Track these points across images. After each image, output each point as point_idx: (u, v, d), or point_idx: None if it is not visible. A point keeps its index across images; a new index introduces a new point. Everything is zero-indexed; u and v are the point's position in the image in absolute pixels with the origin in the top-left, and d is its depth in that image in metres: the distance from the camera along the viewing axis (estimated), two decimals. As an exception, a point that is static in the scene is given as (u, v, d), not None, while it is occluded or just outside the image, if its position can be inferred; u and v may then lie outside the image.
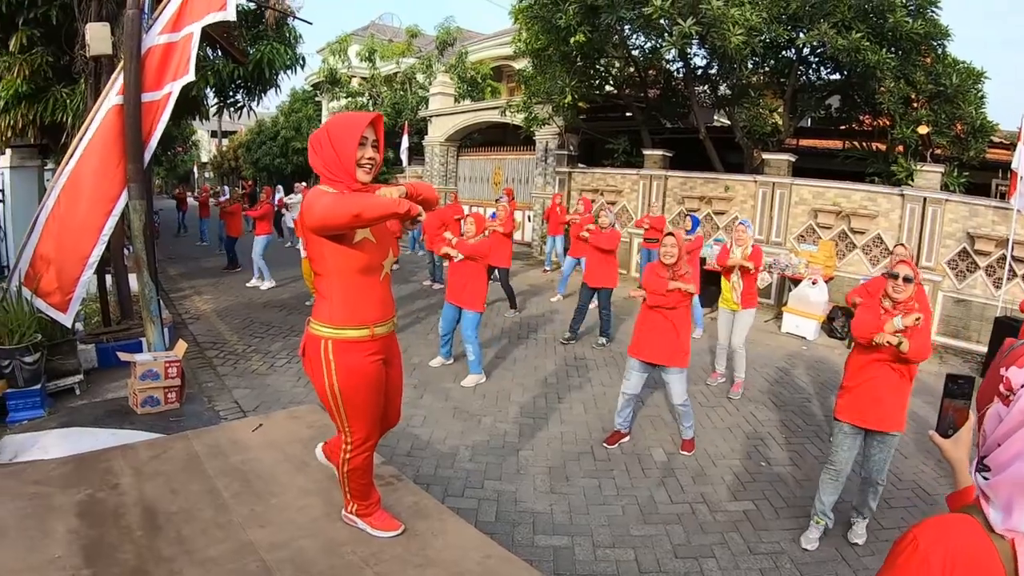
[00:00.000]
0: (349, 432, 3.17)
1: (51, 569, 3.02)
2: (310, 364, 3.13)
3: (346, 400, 3.09)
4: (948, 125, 11.78)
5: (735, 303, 7.49)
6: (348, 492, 3.34)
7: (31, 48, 8.39)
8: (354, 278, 3.06)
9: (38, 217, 6.36)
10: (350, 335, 3.07)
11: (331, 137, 2.95)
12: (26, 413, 5.99)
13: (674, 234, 5.82)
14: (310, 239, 2.94)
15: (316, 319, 3.10)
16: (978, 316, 10.83)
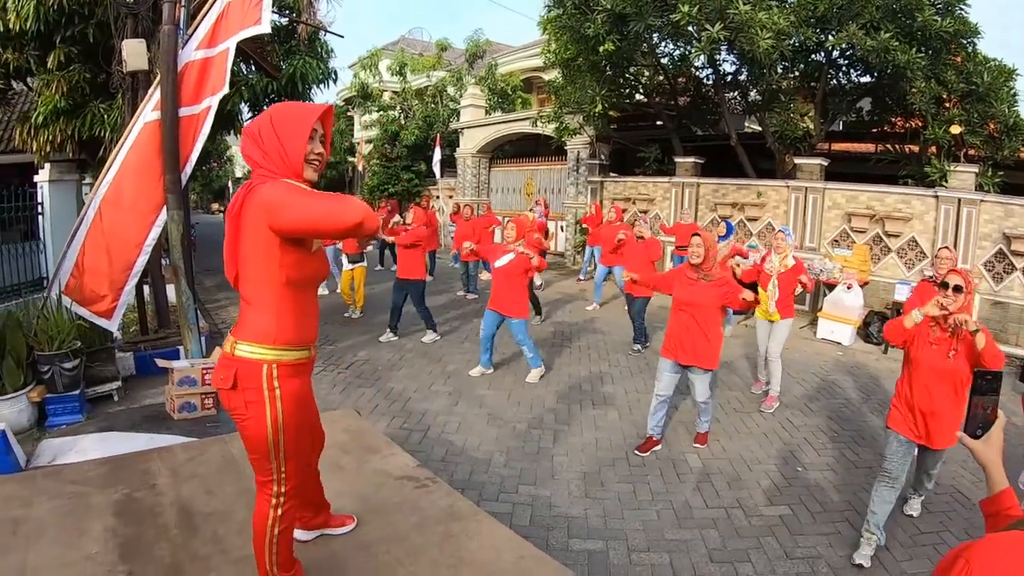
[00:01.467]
0: (284, 477, 2.74)
1: (88, 565, 3.08)
2: (242, 397, 2.62)
3: (288, 435, 2.69)
4: (981, 124, 11.59)
5: (774, 314, 7.34)
6: (274, 564, 2.80)
7: (69, 65, 8.60)
8: (303, 291, 2.73)
9: (78, 229, 6.50)
10: (294, 356, 2.71)
11: (276, 127, 2.58)
12: (65, 418, 6.14)
13: (701, 234, 5.80)
14: (262, 241, 2.52)
15: (249, 340, 2.62)
16: (1016, 319, 10.63)
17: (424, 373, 8.20)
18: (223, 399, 2.70)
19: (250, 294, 2.63)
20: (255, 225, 2.49)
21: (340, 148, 33.60)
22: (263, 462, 2.71)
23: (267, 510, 2.73)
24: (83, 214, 6.55)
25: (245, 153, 2.64)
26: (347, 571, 3.10)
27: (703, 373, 5.85)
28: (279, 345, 2.63)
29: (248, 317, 2.65)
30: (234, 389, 2.61)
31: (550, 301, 12.61)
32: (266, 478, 2.73)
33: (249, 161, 2.63)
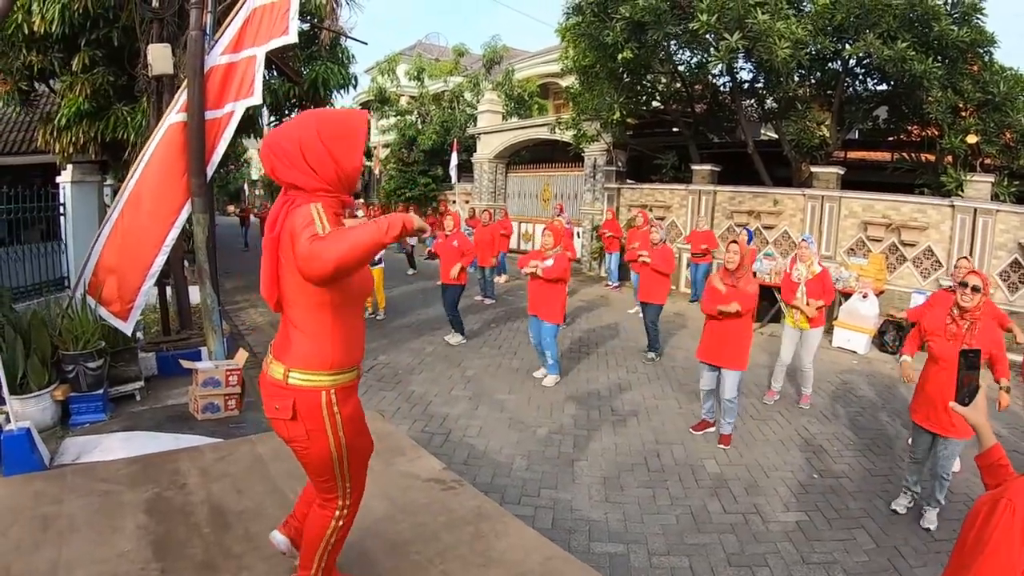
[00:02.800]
0: (350, 492, 2.75)
1: (121, 562, 3.14)
2: (303, 426, 2.54)
3: (352, 455, 2.67)
4: (997, 134, 11.58)
5: (802, 321, 7.40)
6: (319, 568, 2.80)
7: (93, 68, 8.70)
8: (351, 309, 2.62)
9: (103, 229, 6.59)
10: (349, 378, 2.63)
11: (328, 144, 2.45)
12: (88, 416, 6.20)
13: (738, 241, 6.12)
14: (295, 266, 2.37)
15: (304, 368, 2.51)
16: (1034, 329, 10.59)
17: (444, 377, 8.25)
18: (279, 428, 2.61)
19: (297, 318, 2.52)
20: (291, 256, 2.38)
21: (356, 153, 33.72)
22: (329, 483, 2.68)
23: (329, 521, 2.73)
24: (108, 215, 6.65)
25: (279, 175, 2.51)
26: (380, 571, 3.15)
27: (733, 373, 6.18)
28: (335, 370, 2.54)
29: (298, 342, 2.52)
30: (293, 419, 2.52)
31: (570, 308, 12.61)
32: (330, 495, 2.72)
33: (283, 178, 2.51)
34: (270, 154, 2.50)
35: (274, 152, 2.48)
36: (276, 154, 2.48)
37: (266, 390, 2.61)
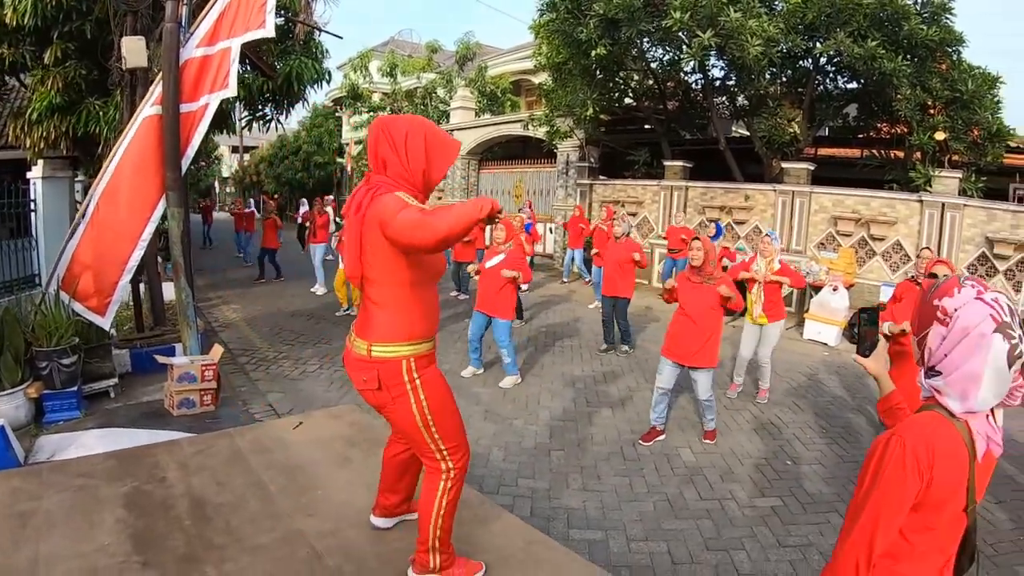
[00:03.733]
0: (448, 455, 2.88)
1: (101, 556, 3.12)
2: (390, 394, 2.74)
3: (439, 419, 2.82)
4: (965, 131, 11.83)
5: (761, 317, 7.49)
6: (437, 540, 2.91)
7: (65, 61, 8.56)
8: (427, 287, 2.82)
9: (78, 224, 6.53)
10: (427, 347, 2.84)
11: (430, 148, 2.70)
12: (63, 414, 6.14)
13: (700, 238, 6.04)
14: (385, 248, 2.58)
15: (385, 340, 2.71)
16: (999, 322, 10.80)
17: (419, 372, 8.20)
18: (367, 398, 2.83)
19: (379, 296, 2.72)
20: (375, 234, 2.56)
21: (328, 149, 33.56)
22: (423, 446, 2.87)
23: (437, 484, 2.87)
24: (83, 209, 6.58)
25: (377, 151, 2.70)
26: (365, 557, 3.17)
27: (705, 372, 6.08)
28: (414, 340, 2.74)
29: (379, 318, 2.73)
30: (379, 390, 2.74)
31: (540, 303, 12.73)
32: (432, 460, 2.89)
33: (376, 159, 2.70)
34: (382, 130, 2.70)
35: (385, 130, 2.69)
36: (387, 132, 2.68)
37: (351, 365, 2.84)
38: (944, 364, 1.93)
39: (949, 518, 1.95)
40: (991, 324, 1.84)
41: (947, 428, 1.91)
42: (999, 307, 1.86)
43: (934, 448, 1.86)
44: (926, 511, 1.91)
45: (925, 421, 1.94)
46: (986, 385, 1.86)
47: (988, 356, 1.84)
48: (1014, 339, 1.83)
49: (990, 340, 1.83)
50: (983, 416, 1.94)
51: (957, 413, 1.92)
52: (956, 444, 1.89)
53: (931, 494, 1.87)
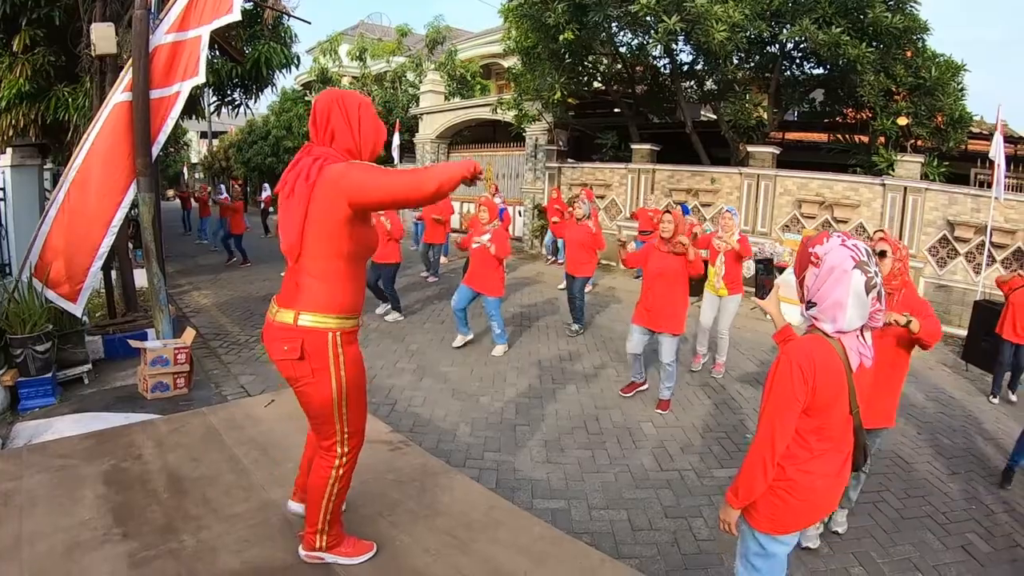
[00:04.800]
0: (347, 439, 2.91)
1: (83, 530, 3.24)
2: (310, 366, 2.76)
3: (352, 400, 2.86)
4: (928, 117, 12.06)
5: (722, 289, 7.72)
6: (324, 521, 2.97)
7: (33, 48, 8.55)
8: (360, 262, 2.87)
9: (48, 211, 6.57)
10: (352, 323, 2.87)
11: (375, 121, 2.87)
12: (38, 401, 6.19)
13: (671, 212, 6.44)
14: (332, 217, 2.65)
15: (313, 310, 2.74)
16: (959, 301, 11.18)
17: (389, 352, 8.41)
18: (285, 368, 2.80)
19: (314, 268, 2.73)
20: (329, 202, 2.62)
21: (298, 133, 33.38)
22: (327, 426, 2.86)
23: (330, 470, 2.90)
24: (54, 196, 6.61)
25: (329, 121, 2.77)
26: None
27: (671, 337, 6.44)
28: (342, 313, 2.78)
29: (310, 289, 2.73)
30: (301, 359, 2.73)
31: (511, 284, 12.80)
32: (330, 441, 2.89)
33: (325, 130, 2.78)
34: (335, 102, 2.79)
35: (340, 102, 2.79)
36: (341, 104, 2.79)
37: (272, 335, 2.82)
38: (818, 296, 2.50)
39: (838, 420, 2.56)
40: (851, 262, 2.43)
41: (824, 345, 2.48)
42: (858, 250, 2.46)
43: (815, 361, 2.43)
44: (817, 414, 2.49)
45: (807, 341, 2.52)
46: (850, 309, 2.44)
47: (849, 286, 2.42)
48: (870, 273, 2.43)
49: (851, 274, 2.42)
50: (853, 335, 2.52)
51: (831, 333, 2.49)
52: (833, 358, 2.47)
53: (817, 399, 2.45)
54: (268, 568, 2.98)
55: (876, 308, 2.50)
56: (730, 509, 2.68)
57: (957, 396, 7.91)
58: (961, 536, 4.65)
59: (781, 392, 2.46)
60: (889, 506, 5.04)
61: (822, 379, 2.43)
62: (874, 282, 2.45)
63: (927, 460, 5.96)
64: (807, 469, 2.56)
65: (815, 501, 2.62)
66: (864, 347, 2.55)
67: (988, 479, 5.64)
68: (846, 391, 2.52)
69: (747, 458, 2.58)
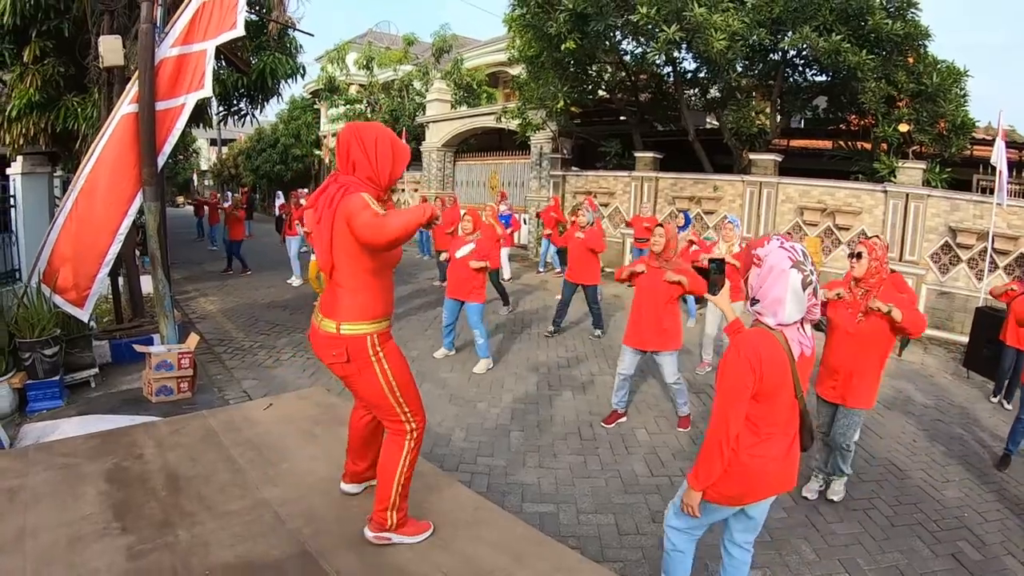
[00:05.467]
0: (412, 418, 3.26)
1: (84, 524, 3.38)
2: (357, 368, 3.12)
3: (402, 386, 3.20)
4: (930, 123, 12.09)
5: None
6: (397, 498, 3.27)
7: (43, 59, 8.70)
8: (385, 273, 3.20)
9: (57, 219, 6.75)
10: (386, 325, 3.21)
11: (395, 152, 3.11)
12: (45, 403, 6.35)
13: (663, 225, 6.28)
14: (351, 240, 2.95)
15: (352, 319, 3.07)
16: (961, 308, 11.16)
17: (389, 358, 8.46)
18: (336, 370, 3.18)
19: (345, 281, 3.07)
20: (345, 228, 2.93)
21: (307, 141, 33.59)
22: (389, 412, 3.23)
23: (402, 445, 3.25)
24: (62, 204, 6.79)
25: (349, 153, 3.05)
26: (324, 521, 3.47)
27: (668, 354, 6.26)
28: (376, 319, 3.12)
29: (345, 300, 3.08)
30: (348, 362, 3.10)
31: (512, 292, 12.93)
32: (397, 424, 3.26)
33: (347, 161, 3.07)
34: (353, 136, 3.07)
35: (357, 136, 3.07)
36: (358, 137, 3.06)
37: (320, 342, 3.17)
38: (760, 294, 2.85)
39: (785, 404, 2.90)
40: (788, 263, 2.77)
41: (768, 337, 2.82)
42: (795, 251, 2.80)
43: (760, 351, 2.78)
44: (764, 400, 2.84)
45: (753, 334, 2.88)
46: (789, 304, 2.78)
47: (787, 284, 2.76)
48: (805, 272, 2.77)
49: (788, 273, 2.75)
50: (794, 328, 2.85)
51: (773, 326, 2.84)
52: (776, 348, 2.80)
53: (764, 386, 2.79)
54: (258, 563, 3.11)
55: (812, 303, 2.83)
56: (692, 492, 3.02)
57: (956, 403, 7.94)
58: (952, 544, 4.67)
59: (731, 379, 2.82)
60: (880, 513, 5.07)
61: (767, 368, 2.77)
62: (809, 280, 2.79)
63: (922, 467, 5.98)
64: (757, 453, 2.91)
65: (766, 481, 2.99)
66: (805, 338, 2.89)
67: (983, 487, 5.65)
68: (791, 378, 2.85)
69: (704, 443, 2.94)
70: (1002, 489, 5.60)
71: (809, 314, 2.85)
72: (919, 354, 10.03)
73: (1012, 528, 4.95)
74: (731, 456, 2.88)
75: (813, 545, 4.59)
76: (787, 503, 5.13)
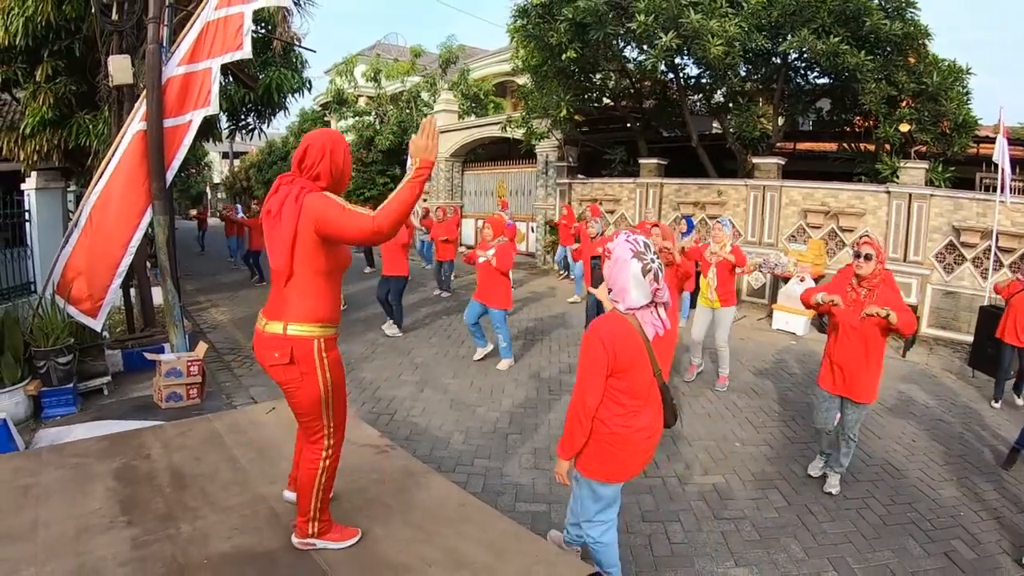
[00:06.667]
0: (334, 430, 3.27)
1: (92, 517, 3.62)
2: (300, 372, 3.10)
3: (336, 400, 3.22)
4: (932, 122, 12.10)
5: (715, 301, 7.82)
6: (316, 509, 3.32)
7: (55, 78, 9.00)
8: (336, 277, 3.22)
9: (72, 232, 6.98)
10: (333, 331, 3.21)
11: (347, 162, 3.20)
12: (59, 410, 6.57)
13: (660, 226, 6.48)
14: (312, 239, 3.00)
15: (300, 320, 3.09)
16: (967, 307, 11.15)
17: (394, 364, 8.70)
18: (276, 373, 3.16)
19: (296, 284, 3.09)
20: (308, 228, 2.99)
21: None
22: (315, 422, 3.23)
23: (318, 462, 3.26)
24: (76, 218, 7.02)
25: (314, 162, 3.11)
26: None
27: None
28: (323, 322, 3.14)
29: (295, 302, 3.09)
30: (290, 364, 3.09)
31: (521, 299, 13.07)
32: (317, 436, 3.26)
33: (310, 167, 3.11)
34: (312, 142, 3.14)
35: (316, 141, 3.14)
36: (319, 147, 3.13)
37: (263, 343, 3.17)
38: (611, 283, 3.22)
39: (644, 380, 3.24)
40: (630, 253, 3.14)
41: (621, 320, 3.19)
42: (636, 243, 3.18)
43: (613, 332, 3.14)
44: (622, 375, 3.18)
45: (607, 318, 3.24)
46: (633, 291, 3.14)
47: (629, 272, 3.12)
48: (645, 260, 3.12)
49: (629, 263, 3.12)
50: (648, 311, 3.20)
51: (624, 311, 3.20)
52: (629, 330, 3.16)
53: (618, 363, 3.13)
54: (254, 553, 3.31)
55: (655, 288, 3.17)
56: (561, 462, 3.48)
57: (959, 403, 7.96)
58: (945, 543, 4.70)
59: (588, 358, 3.19)
60: (872, 512, 5.11)
61: (620, 346, 3.12)
62: (649, 267, 3.14)
63: (919, 467, 6.01)
64: (625, 424, 3.26)
65: (635, 452, 3.35)
66: (657, 320, 3.24)
67: (982, 485, 5.67)
68: (645, 356, 3.20)
69: (567, 417, 3.34)
70: (1000, 488, 5.62)
71: (656, 298, 3.20)
72: (923, 354, 10.11)
73: (1008, 527, 4.97)
74: (602, 431, 3.27)
75: (803, 544, 4.65)
76: (779, 502, 5.23)
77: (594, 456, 3.36)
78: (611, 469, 3.38)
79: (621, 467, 3.39)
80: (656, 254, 3.20)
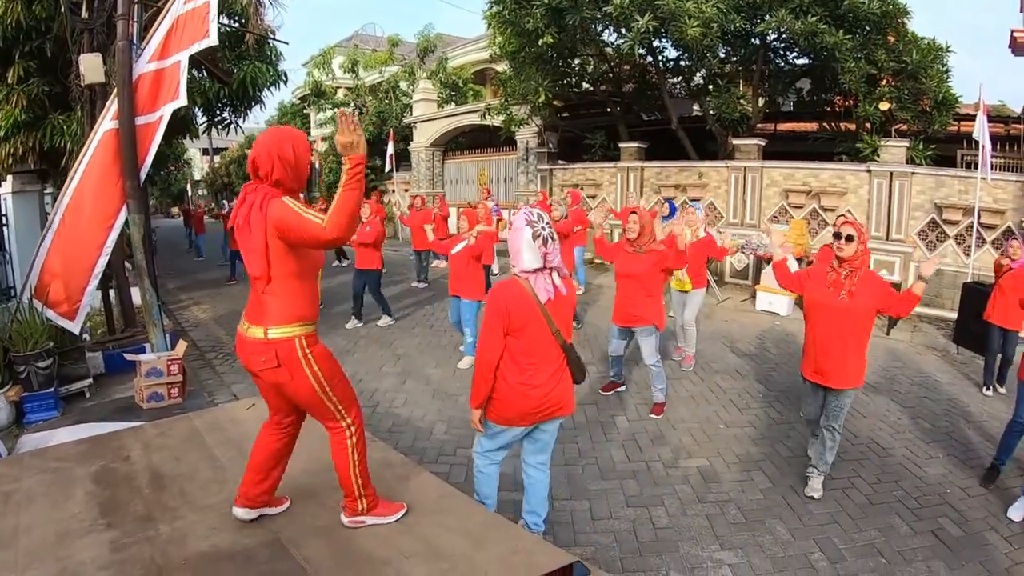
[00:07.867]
0: (346, 415, 3.34)
1: (72, 521, 3.61)
2: (288, 372, 3.14)
3: (334, 386, 3.26)
4: (912, 100, 12.21)
5: (687, 283, 7.90)
6: (360, 486, 3.43)
7: (28, 79, 8.88)
8: (310, 277, 3.27)
9: (46, 235, 6.92)
10: (312, 328, 3.25)
11: (300, 156, 3.17)
12: (42, 414, 6.51)
13: (638, 211, 6.46)
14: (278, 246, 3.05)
15: (279, 323, 3.12)
16: (951, 284, 11.23)
17: (376, 357, 8.70)
18: (267, 377, 3.20)
19: (272, 288, 3.12)
20: (275, 235, 3.03)
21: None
22: (323, 411, 3.32)
23: (345, 442, 3.37)
24: (50, 221, 6.96)
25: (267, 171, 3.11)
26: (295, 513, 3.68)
27: (648, 334, 6.42)
28: (302, 321, 3.18)
29: (272, 306, 3.12)
30: (278, 367, 3.13)
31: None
32: (332, 422, 3.37)
33: (266, 175, 3.12)
34: (261, 155, 3.13)
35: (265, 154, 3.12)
36: (267, 155, 3.11)
37: (247, 350, 3.21)
38: (511, 250, 3.61)
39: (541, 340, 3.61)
40: (524, 221, 3.56)
41: (515, 284, 3.59)
42: (531, 214, 3.60)
43: (507, 294, 3.55)
44: (518, 334, 3.56)
45: (504, 283, 3.64)
46: (525, 253, 3.54)
47: (522, 237, 3.53)
48: (537, 228, 3.53)
49: (523, 230, 3.53)
50: (542, 276, 3.60)
51: (519, 275, 3.60)
52: (522, 292, 3.55)
53: (513, 322, 3.52)
54: (231, 551, 3.31)
55: (545, 252, 3.55)
56: (473, 411, 3.79)
57: (944, 380, 7.98)
58: (932, 521, 4.70)
59: (487, 318, 3.59)
60: (859, 492, 5.12)
61: (513, 307, 3.52)
62: (539, 233, 3.53)
63: (905, 445, 6.01)
64: (522, 382, 3.63)
65: (529, 404, 3.67)
66: (549, 285, 3.62)
67: (967, 463, 5.68)
68: (540, 317, 3.57)
69: (474, 372, 3.71)
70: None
71: (547, 262, 3.58)
72: (908, 332, 10.16)
73: (995, 503, 4.97)
74: (502, 385, 3.64)
75: (788, 525, 4.66)
76: (764, 484, 5.25)
77: (496, 404, 3.72)
78: (508, 417, 3.75)
79: (517, 416, 3.74)
80: (548, 224, 3.61)
